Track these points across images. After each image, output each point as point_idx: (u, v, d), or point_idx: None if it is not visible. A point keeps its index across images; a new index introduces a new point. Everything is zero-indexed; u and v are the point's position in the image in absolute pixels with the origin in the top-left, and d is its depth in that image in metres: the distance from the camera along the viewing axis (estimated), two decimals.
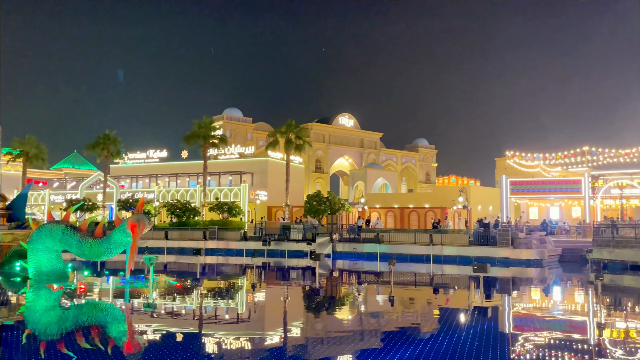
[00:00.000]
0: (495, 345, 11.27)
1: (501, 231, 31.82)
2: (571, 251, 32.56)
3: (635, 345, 11.73)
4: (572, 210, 46.54)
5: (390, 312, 15.97)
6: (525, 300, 19.30)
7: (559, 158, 44.92)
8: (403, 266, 28.85)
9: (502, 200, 42.89)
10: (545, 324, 14.15)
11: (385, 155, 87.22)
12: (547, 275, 26.63)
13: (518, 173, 46.50)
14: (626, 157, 43.20)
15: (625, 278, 24.87)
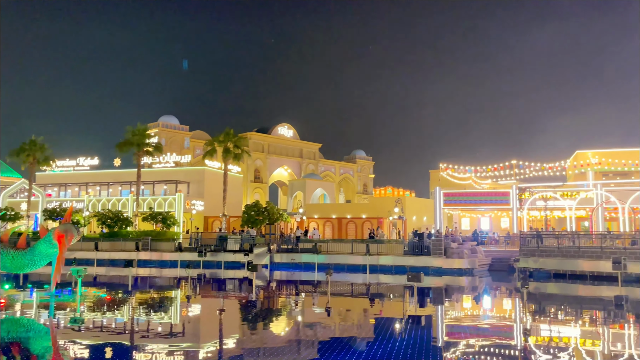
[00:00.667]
0: (428, 352, 11.52)
1: (435, 241, 32.73)
2: (500, 260, 33.93)
3: (558, 349, 12.33)
4: (501, 221, 48.62)
5: (326, 322, 16.01)
6: (457, 308, 19.90)
7: (489, 171, 46.85)
8: (340, 276, 29.05)
9: (435, 211, 44.17)
10: (475, 331, 14.62)
11: (324, 166, 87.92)
12: (477, 284, 27.59)
13: (451, 185, 48.11)
14: (550, 171, 45.66)
15: (549, 285, 26.17)
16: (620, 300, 19.76)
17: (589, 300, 22.11)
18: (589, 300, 22.30)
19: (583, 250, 28.69)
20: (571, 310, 19.36)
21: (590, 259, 27.81)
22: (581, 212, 41.56)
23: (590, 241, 30.34)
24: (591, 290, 24.28)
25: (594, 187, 39.52)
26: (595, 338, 14.17)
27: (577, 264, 28.03)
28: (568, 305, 20.91)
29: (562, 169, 46.07)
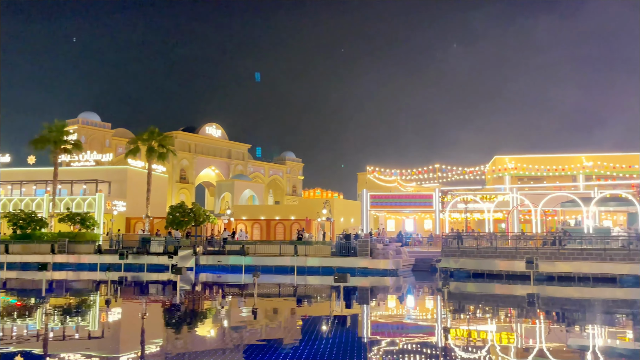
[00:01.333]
0: (353, 351, 11.67)
1: (361, 242, 33.30)
2: (423, 261, 35.06)
3: (476, 346, 12.87)
4: (425, 222, 50.25)
5: (253, 324, 15.85)
6: (382, 308, 20.34)
7: (413, 174, 48.36)
8: (268, 278, 28.91)
9: (362, 213, 44.98)
10: (399, 330, 15.00)
11: (253, 167, 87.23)
12: (401, 284, 28.34)
13: (378, 187, 49.20)
14: (470, 175, 47.79)
15: (468, 285, 27.32)
16: (532, 297, 20.96)
17: (504, 298, 23.29)
18: (504, 298, 23.48)
19: (500, 251, 30.20)
20: (488, 308, 20.29)
21: (506, 259, 29.31)
22: (498, 215, 43.76)
23: (506, 242, 31.98)
24: (506, 289, 25.59)
25: (510, 190, 41.71)
26: (509, 333, 14.93)
27: (494, 264, 29.45)
28: (485, 303, 21.92)
29: (481, 173, 48.35)
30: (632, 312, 19.63)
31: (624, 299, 22.88)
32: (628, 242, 28.50)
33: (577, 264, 27.87)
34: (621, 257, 27.51)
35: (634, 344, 13.75)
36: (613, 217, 43.08)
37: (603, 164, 44.31)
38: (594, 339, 14.32)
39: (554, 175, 45.74)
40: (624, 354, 12.56)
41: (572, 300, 22.65)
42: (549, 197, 36.51)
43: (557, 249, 29.08)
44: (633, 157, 44.86)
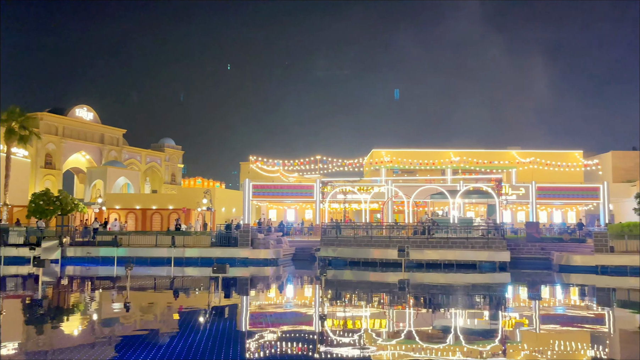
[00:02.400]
0: (229, 342, 11.54)
1: (242, 232, 33.07)
2: (303, 250, 35.69)
3: (351, 330, 13.35)
4: (306, 212, 51.13)
5: (126, 318, 15.06)
6: (261, 297, 20.36)
7: (296, 165, 48.88)
8: (143, 270, 27.67)
9: (244, 203, 44.67)
10: (277, 318, 15.11)
11: (128, 154, 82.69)
12: (281, 273, 28.61)
13: (261, 177, 49.07)
14: (350, 167, 49.41)
15: (345, 273, 28.30)
16: (403, 284, 22.21)
17: (378, 285, 24.44)
18: (378, 285, 24.64)
19: (374, 240, 31.65)
20: (363, 295, 21.17)
21: (380, 248, 30.78)
22: (375, 205, 45.79)
23: (381, 232, 33.58)
24: (380, 276, 26.88)
25: (385, 182, 43.79)
26: (381, 318, 15.69)
27: (369, 253, 30.79)
28: (360, 290, 22.84)
29: (360, 165, 50.18)
30: (489, 295, 21.61)
31: (482, 283, 25.11)
32: (487, 232, 31.28)
33: (443, 252, 30.05)
34: (481, 245, 30.15)
35: (490, 323, 15.14)
36: (475, 208, 47.02)
37: (468, 159, 48.06)
38: (456, 320, 15.54)
39: (425, 169, 48.78)
40: (480, 333, 13.77)
41: (438, 285, 24.37)
42: (420, 189, 38.88)
43: (426, 237, 31.11)
44: (494, 154, 49.21)
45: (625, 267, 27.16)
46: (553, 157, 48.25)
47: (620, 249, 28.39)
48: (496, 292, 22.86)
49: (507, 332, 13.93)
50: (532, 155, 48.43)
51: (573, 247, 32.48)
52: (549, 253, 31.68)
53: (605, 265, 27.56)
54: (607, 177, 46.86)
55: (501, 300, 20.28)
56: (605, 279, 25.59)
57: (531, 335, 13.65)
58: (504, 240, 30.66)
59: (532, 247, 32.86)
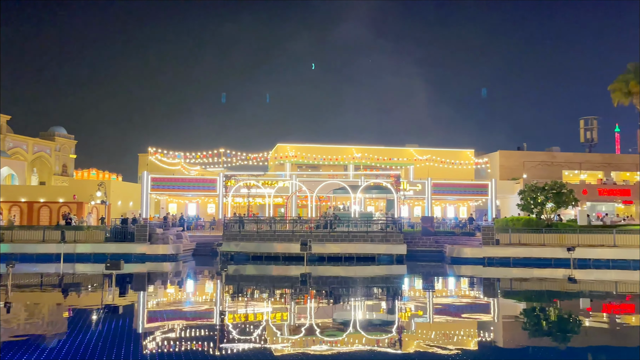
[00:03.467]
0: (122, 342, 10.99)
1: (139, 227, 31.72)
2: (204, 245, 34.90)
3: (253, 324, 13.23)
4: (208, 206, 50.07)
5: (8, 320, 13.85)
6: (159, 294, 19.64)
7: (198, 157, 47.67)
8: (28, 267, 25.66)
9: (142, 196, 42.86)
10: (175, 315, 14.64)
11: (13, 142, 76.15)
12: (181, 269, 27.79)
13: (161, 170, 47.28)
14: (254, 161, 49.03)
15: (248, 267, 28.07)
16: (305, 277, 22.43)
17: (280, 279, 24.49)
18: (280, 279, 24.69)
19: (278, 234, 31.67)
20: (265, 289, 21.10)
21: (283, 242, 30.87)
22: (279, 200, 45.84)
23: (285, 226, 33.67)
24: (283, 270, 26.96)
25: (290, 177, 43.97)
26: (283, 311, 15.73)
27: (272, 247, 30.77)
28: (262, 284, 22.77)
29: (264, 159, 49.96)
30: (386, 287, 22.41)
31: (381, 276, 26.01)
32: (386, 226, 32.41)
33: (344, 245, 30.74)
34: (380, 238, 31.20)
35: (387, 314, 15.70)
36: (375, 203, 48.59)
37: (369, 155, 49.52)
38: (356, 311, 15.95)
39: (328, 164, 49.60)
40: (378, 324, 14.24)
41: (339, 278, 24.89)
42: (324, 184, 39.47)
43: (329, 232, 31.66)
44: (393, 151, 51.09)
45: (509, 258, 29.36)
46: (447, 155, 50.97)
47: (505, 242, 30.62)
48: (393, 284, 23.76)
49: (403, 322, 14.52)
50: (429, 153, 50.85)
51: (464, 240, 34.57)
52: (442, 246, 33.46)
53: (491, 257, 29.60)
54: (495, 174, 50.35)
55: (398, 292, 21.11)
56: (491, 270, 27.48)
57: (425, 324, 14.32)
58: (401, 234, 31.94)
59: (427, 240, 34.53)
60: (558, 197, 31.84)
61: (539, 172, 48.88)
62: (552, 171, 49.11)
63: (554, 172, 48.68)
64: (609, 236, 30.07)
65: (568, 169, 50.70)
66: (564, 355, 11.06)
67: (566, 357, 10.96)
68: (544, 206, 32.26)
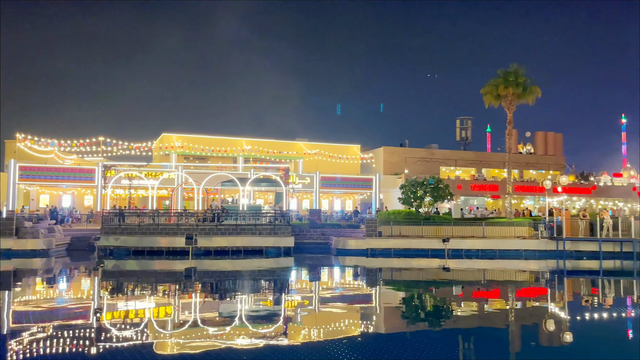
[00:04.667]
0: None
1: (4, 221, 28.91)
2: (80, 239, 32.66)
3: (132, 323, 12.56)
4: (85, 198, 46.90)
5: None
6: (27, 293, 18.01)
7: (74, 146, 44.43)
8: None
9: (9, 187, 39.08)
10: (45, 315, 13.50)
11: None
12: (53, 265, 25.75)
13: (31, 158, 43.39)
14: (137, 151, 46.69)
15: (128, 263, 26.69)
16: (189, 272, 21.80)
17: (163, 274, 23.56)
18: (163, 274, 23.75)
19: (162, 228, 30.47)
20: (147, 285, 20.18)
21: (167, 236, 29.76)
22: (163, 192, 44.09)
23: (169, 219, 32.47)
24: (167, 265, 25.97)
25: (176, 168, 42.46)
26: (166, 307, 15.13)
27: (156, 241, 29.54)
28: (144, 280, 21.75)
29: (148, 149, 47.79)
30: (273, 279, 22.44)
31: (268, 268, 26.02)
32: (274, 219, 32.47)
33: (232, 239, 30.34)
34: (268, 231, 31.20)
35: (274, 306, 15.71)
36: (264, 196, 48.50)
37: (259, 148, 49.28)
38: (242, 305, 15.77)
39: (217, 156, 48.60)
40: (265, 316, 14.20)
41: (226, 272, 24.51)
42: (211, 176, 38.64)
43: (216, 225, 31.05)
44: (283, 144, 51.30)
45: (390, 249, 30.77)
46: (335, 149, 52.22)
47: (387, 234, 32.05)
48: (280, 276, 23.88)
49: (290, 313, 14.61)
50: (318, 147, 51.73)
51: (349, 232, 35.64)
52: (328, 238, 34.24)
53: (374, 248, 30.83)
54: (379, 169, 52.46)
55: (285, 284, 21.23)
56: (374, 261, 28.63)
57: (311, 314, 14.52)
58: (289, 226, 32.19)
59: (314, 232, 35.14)
60: (435, 192, 33.93)
61: (420, 167, 51.73)
62: (431, 167, 52.22)
63: (433, 168, 51.80)
64: (478, 228, 32.61)
65: (445, 165, 54.20)
66: (439, 338, 11.77)
67: (440, 339, 11.67)
68: (423, 200, 34.22)
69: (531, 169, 56.24)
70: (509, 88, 36.99)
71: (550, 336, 12.25)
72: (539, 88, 37.84)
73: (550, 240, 31.54)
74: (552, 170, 56.23)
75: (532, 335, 12.60)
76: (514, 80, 36.90)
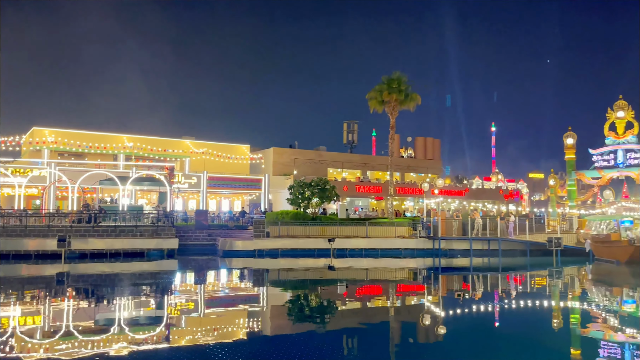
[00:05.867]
0: None
1: None
2: None
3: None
4: None
5: None
6: None
7: None
8: None
9: None
10: None
11: None
12: None
13: None
14: (3, 145, 42.52)
15: None
16: (61, 276, 20.22)
17: (31, 280, 21.60)
18: (31, 279, 21.77)
19: (30, 229, 28.00)
20: (11, 292, 18.37)
21: (37, 238, 27.43)
22: (33, 190, 40.58)
23: (40, 220, 29.92)
24: (35, 270, 23.90)
25: (48, 165, 39.25)
26: (34, 316, 13.89)
27: (23, 244, 27.11)
28: (8, 286, 19.79)
29: (16, 144, 43.73)
30: (155, 283, 21.52)
31: (150, 271, 24.90)
32: (157, 220, 31.19)
33: (110, 241, 28.67)
34: (150, 233, 29.89)
35: (156, 311, 15.04)
36: (148, 196, 46.38)
37: (143, 145, 47.01)
38: (121, 310, 14.91)
39: (96, 153, 45.61)
40: (145, 321, 13.53)
41: (103, 276, 23.05)
42: (88, 174, 36.23)
43: (92, 226, 29.14)
44: (169, 142, 49.38)
45: (278, 250, 30.87)
46: (224, 149, 51.32)
47: (275, 234, 32.12)
48: (163, 279, 22.96)
49: (172, 317, 14.07)
50: (205, 146, 50.49)
51: (236, 233, 35.22)
52: (215, 239, 33.56)
53: (262, 249, 30.74)
54: (269, 170, 52.42)
55: (167, 287, 20.43)
56: (261, 262, 28.54)
57: (195, 318, 14.10)
58: (174, 228, 31.09)
59: (200, 234, 34.28)
60: (322, 193, 34.60)
61: (308, 169, 52.47)
62: (319, 168, 53.22)
63: (321, 170, 52.82)
64: (362, 228, 33.79)
65: (332, 167, 55.50)
66: (324, 337, 11.96)
67: (326, 338, 11.86)
68: (310, 201, 34.74)
69: (412, 172, 59.39)
70: (392, 94, 38.75)
71: (426, 330, 12.97)
72: (419, 95, 40.11)
73: (427, 239, 33.49)
74: (431, 173, 59.80)
75: (410, 330, 13.26)
76: (396, 87, 38.74)
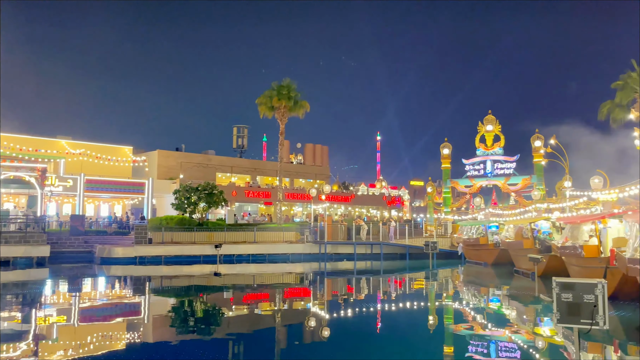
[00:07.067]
0: None
1: None
2: None
3: None
4: None
5: None
6: None
7: None
8: None
9: None
10: None
11: None
12: None
13: None
14: None
15: None
16: None
17: None
18: None
19: None
20: None
21: None
22: None
23: None
24: None
25: None
26: None
27: None
28: None
29: None
30: (22, 293, 19.71)
31: (15, 282, 22.78)
32: (26, 225, 28.68)
33: None
34: (17, 239, 27.41)
35: (22, 324, 13.75)
36: (16, 199, 42.46)
37: (10, 144, 43.01)
38: None
39: None
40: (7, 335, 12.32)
41: None
42: None
43: None
44: (42, 142, 45.64)
45: (161, 256, 29.70)
46: (104, 150, 48.44)
47: (158, 241, 30.89)
48: (30, 289, 21.09)
49: (41, 330, 12.96)
50: (83, 147, 47.33)
51: (116, 239, 33.38)
52: (92, 246, 31.57)
53: (143, 255, 29.39)
54: (153, 173, 50.25)
55: (35, 298, 18.79)
56: (142, 269, 27.27)
57: (68, 329, 13.10)
58: (45, 234, 28.80)
59: (75, 240, 32.06)
60: (210, 198, 33.89)
61: (196, 173, 51.11)
62: (208, 173, 52.05)
63: (209, 174, 51.69)
64: (250, 233, 33.58)
65: (221, 171, 54.58)
66: (208, 345, 11.66)
67: (209, 346, 11.57)
68: (197, 206, 33.86)
69: (301, 178, 60.15)
70: (281, 101, 39.03)
71: (312, 332, 13.14)
72: (308, 103, 40.78)
73: (314, 244, 34.07)
74: (319, 179, 60.97)
75: (296, 333, 13.36)
76: (286, 94, 39.09)
